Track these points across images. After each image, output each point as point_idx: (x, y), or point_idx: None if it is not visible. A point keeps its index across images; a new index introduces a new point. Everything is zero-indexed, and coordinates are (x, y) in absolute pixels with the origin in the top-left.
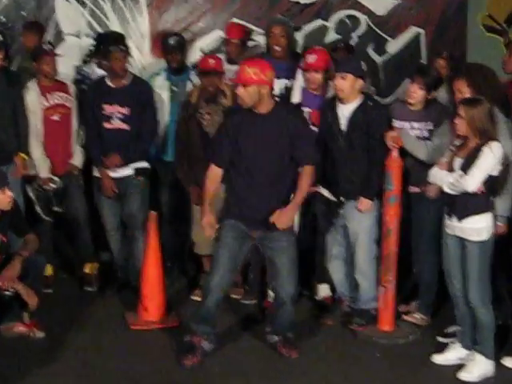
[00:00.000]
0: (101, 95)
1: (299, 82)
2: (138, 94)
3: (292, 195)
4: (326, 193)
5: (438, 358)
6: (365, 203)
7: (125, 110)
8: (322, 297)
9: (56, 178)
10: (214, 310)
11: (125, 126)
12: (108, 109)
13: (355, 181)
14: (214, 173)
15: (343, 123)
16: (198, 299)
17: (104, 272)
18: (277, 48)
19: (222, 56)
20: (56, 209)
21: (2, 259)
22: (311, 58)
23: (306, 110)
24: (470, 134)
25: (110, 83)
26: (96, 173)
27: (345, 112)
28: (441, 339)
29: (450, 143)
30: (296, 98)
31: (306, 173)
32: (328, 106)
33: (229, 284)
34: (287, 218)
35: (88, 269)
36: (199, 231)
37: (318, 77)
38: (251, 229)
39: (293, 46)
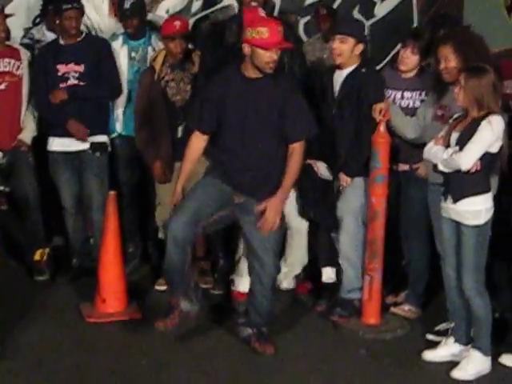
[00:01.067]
0: (54, 56)
1: None
2: (93, 49)
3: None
4: (322, 168)
5: (430, 355)
6: (344, 179)
7: (80, 68)
8: (326, 280)
9: None
10: (180, 262)
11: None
12: (62, 69)
13: (345, 155)
14: (198, 141)
15: (336, 91)
16: (162, 289)
17: (57, 258)
18: (253, 3)
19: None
20: (0, 188)
21: None
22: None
23: None
24: (469, 106)
25: (61, 42)
26: (52, 147)
27: (339, 78)
28: (431, 337)
29: (434, 116)
30: None
31: (295, 152)
32: (327, 71)
33: (191, 232)
34: (276, 210)
35: (38, 255)
36: (164, 214)
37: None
38: (235, 191)
39: (269, 8)
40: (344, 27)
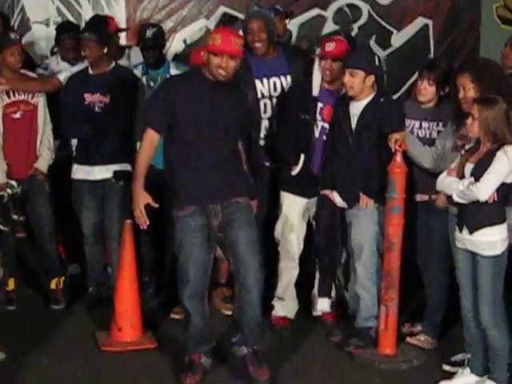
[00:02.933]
0: (81, 84)
1: (318, 74)
2: (120, 81)
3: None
4: (337, 198)
5: None
6: (365, 200)
7: (106, 99)
8: (319, 312)
9: (13, 183)
10: (203, 325)
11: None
12: (88, 98)
13: (360, 183)
14: (152, 140)
15: (354, 122)
16: (178, 317)
17: (73, 287)
18: (257, 45)
19: None
20: (15, 217)
21: None
22: (329, 46)
23: (319, 104)
24: (482, 137)
25: (90, 71)
26: (76, 175)
27: (355, 110)
28: (447, 368)
29: (454, 147)
30: (316, 91)
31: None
32: (340, 103)
33: (206, 289)
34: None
35: (54, 284)
36: None
37: (334, 66)
38: (210, 214)
39: (287, 37)
40: (352, 61)
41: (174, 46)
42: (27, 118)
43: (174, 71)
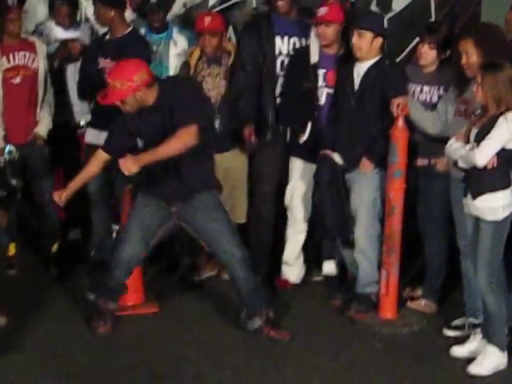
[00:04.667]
0: (98, 48)
1: (315, 41)
2: (128, 47)
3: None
4: (336, 157)
5: (458, 351)
6: (366, 164)
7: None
8: (324, 274)
9: (11, 148)
10: (123, 281)
11: None
12: (101, 62)
13: (362, 146)
14: (101, 157)
15: (357, 83)
16: (213, 274)
17: (75, 251)
18: (280, 3)
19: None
20: (13, 182)
21: None
22: (322, 11)
23: (321, 71)
24: (487, 103)
25: (107, 35)
26: (87, 138)
27: (360, 71)
28: (447, 332)
29: (457, 111)
30: (314, 58)
31: (179, 131)
32: (343, 64)
33: (141, 255)
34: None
35: (55, 248)
36: None
37: (328, 31)
38: (169, 203)
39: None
40: (362, 21)
41: (174, 9)
42: (27, 83)
43: (176, 35)
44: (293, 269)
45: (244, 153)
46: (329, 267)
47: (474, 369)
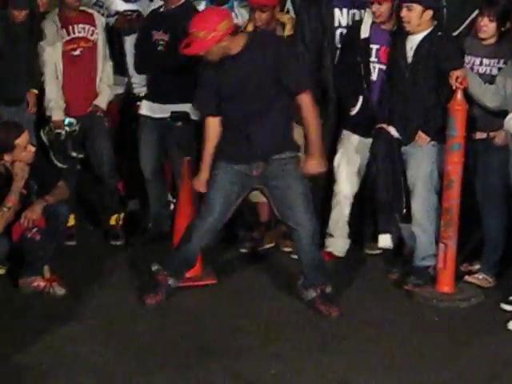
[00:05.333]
0: (152, 21)
1: (369, 16)
2: (180, 18)
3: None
4: (392, 131)
5: None
6: (422, 137)
7: (166, 37)
8: (380, 248)
9: (72, 120)
10: (195, 255)
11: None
12: (155, 35)
13: (418, 120)
14: (214, 124)
15: (410, 56)
16: (247, 251)
17: (133, 222)
18: None
19: None
20: (74, 154)
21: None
22: None
23: (374, 46)
24: None
25: (162, 8)
26: (141, 110)
27: (412, 43)
28: (505, 307)
29: None
30: (365, 32)
31: (305, 103)
32: (396, 39)
33: (219, 228)
34: (318, 167)
35: (114, 220)
36: None
37: (381, 9)
38: (252, 166)
39: None
40: None
41: None
42: (86, 55)
43: (237, 8)
44: (337, 241)
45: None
46: (385, 240)
47: None
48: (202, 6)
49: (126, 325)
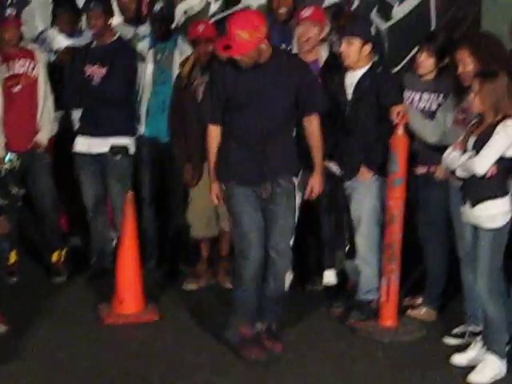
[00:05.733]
0: (84, 56)
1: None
2: (117, 53)
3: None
4: (334, 167)
5: (459, 359)
6: (364, 173)
7: (103, 70)
8: (325, 284)
9: (12, 156)
10: (258, 290)
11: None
12: (89, 69)
13: (360, 155)
14: (215, 134)
15: (350, 92)
16: (193, 288)
17: (75, 259)
18: (282, 10)
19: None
20: (14, 190)
21: None
22: (306, 11)
23: None
24: (485, 111)
25: (94, 43)
26: (76, 147)
27: (352, 80)
28: (448, 340)
29: (455, 120)
30: None
31: (314, 124)
32: (332, 73)
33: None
34: (318, 186)
35: (56, 256)
36: (197, 212)
37: (311, 30)
38: (261, 187)
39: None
40: (349, 29)
41: (175, 17)
42: (27, 91)
43: (181, 44)
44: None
45: None
46: (329, 277)
47: (475, 377)
48: (145, 43)
49: (68, 362)
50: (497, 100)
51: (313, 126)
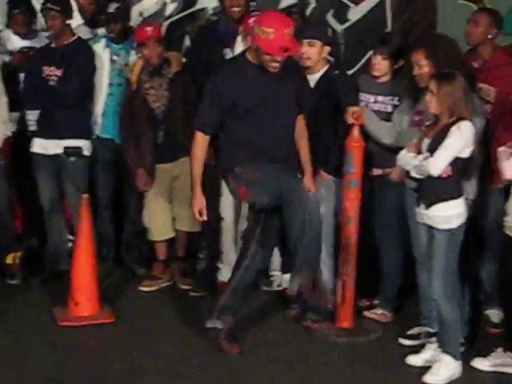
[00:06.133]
0: (42, 57)
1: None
2: (73, 54)
3: None
4: None
5: (414, 359)
6: (324, 176)
7: (59, 72)
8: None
9: None
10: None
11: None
12: (46, 70)
13: (318, 158)
14: (202, 142)
15: None
16: (146, 290)
17: (30, 261)
18: (235, 9)
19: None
20: None
21: None
22: None
23: None
24: (441, 112)
25: (52, 44)
26: (33, 148)
27: (310, 82)
28: (403, 341)
29: (411, 122)
30: None
31: (303, 125)
32: None
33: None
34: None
35: (10, 259)
36: (153, 215)
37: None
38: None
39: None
40: (311, 31)
41: (131, 19)
42: None
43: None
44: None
45: None
46: (286, 278)
47: (430, 378)
48: (101, 44)
49: (22, 365)
50: (454, 102)
51: (302, 126)
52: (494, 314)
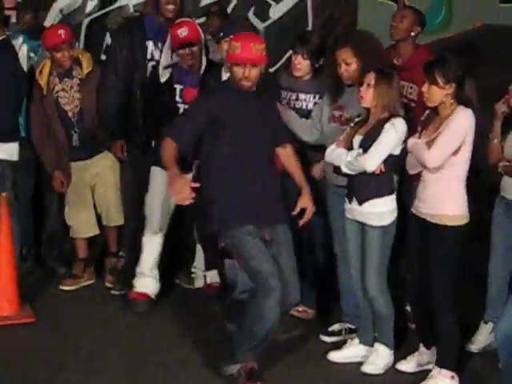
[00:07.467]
0: None
1: (166, 57)
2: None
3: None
4: None
5: (335, 356)
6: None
7: None
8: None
9: None
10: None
11: None
12: None
13: None
14: (172, 149)
15: None
16: (68, 289)
17: None
18: (170, 7)
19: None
20: None
21: None
22: (183, 32)
23: (178, 87)
24: (374, 107)
25: None
26: None
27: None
28: (324, 338)
29: (331, 117)
30: (164, 76)
31: (290, 152)
32: (212, 79)
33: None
34: (311, 205)
35: None
36: (75, 213)
37: (195, 50)
38: (262, 229)
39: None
40: (231, 30)
41: (50, 15)
42: None
43: None
44: (149, 280)
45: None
46: (213, 276)
47: (368, 368)
48: (19, 40)
49: None
50: (389, 100)
51: (290, 153)
52: None
